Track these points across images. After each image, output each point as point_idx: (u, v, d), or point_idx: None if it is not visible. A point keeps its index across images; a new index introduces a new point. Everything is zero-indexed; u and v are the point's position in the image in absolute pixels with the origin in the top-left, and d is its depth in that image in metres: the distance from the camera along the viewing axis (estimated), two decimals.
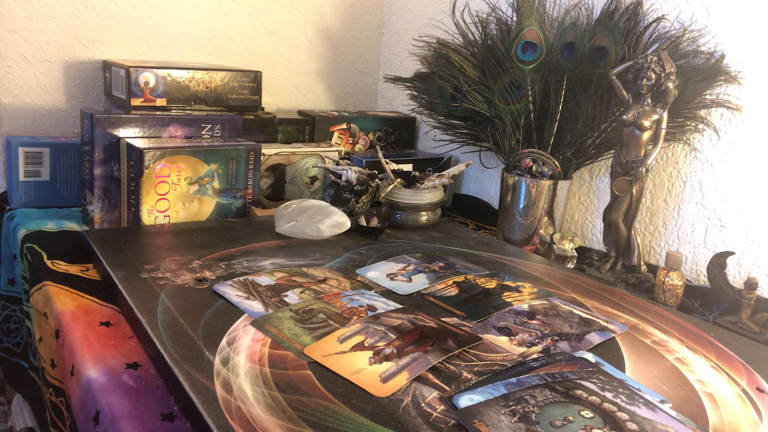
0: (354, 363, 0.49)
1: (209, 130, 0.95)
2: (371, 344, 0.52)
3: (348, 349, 0.51)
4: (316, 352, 0.51)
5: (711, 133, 0.86)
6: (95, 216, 0.88)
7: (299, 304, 0.60)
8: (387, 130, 1.26)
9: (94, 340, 0.53)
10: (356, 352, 0.51)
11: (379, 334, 0.54)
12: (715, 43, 0.85)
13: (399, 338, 0.53)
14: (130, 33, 1.11)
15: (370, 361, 0.50)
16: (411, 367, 0.49)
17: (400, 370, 0.48)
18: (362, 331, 0.54)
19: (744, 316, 0.72)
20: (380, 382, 0.47)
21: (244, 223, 0.85)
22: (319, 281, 0.66)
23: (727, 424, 0.47)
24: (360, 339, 0.53)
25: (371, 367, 0.49)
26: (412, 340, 0.53)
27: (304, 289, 0.63)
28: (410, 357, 0.50)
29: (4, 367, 0.89)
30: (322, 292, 0.63)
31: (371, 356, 0.50)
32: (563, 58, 0.93)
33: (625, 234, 0.85)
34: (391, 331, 0.55)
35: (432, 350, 0.52)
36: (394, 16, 1.37)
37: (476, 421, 0.43)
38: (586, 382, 0.49)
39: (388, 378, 0.47)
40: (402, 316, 0.58)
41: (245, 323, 0.55)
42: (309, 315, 0.57)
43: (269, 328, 0.55)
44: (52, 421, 0.61)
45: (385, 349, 0.51)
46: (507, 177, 0.96)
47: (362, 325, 0.56)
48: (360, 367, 0.49)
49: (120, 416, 0.43)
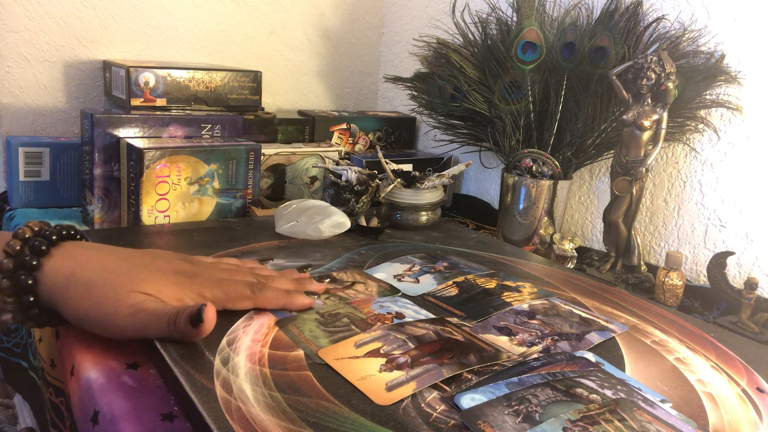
0: (363, 369, 0.48)
1: (209, 130, 0.95)
2: (386, 352, 0.51)
3: (362, 355, 0.51)
4: (329, 355, 0.50)
5: (711, 134, 0.86)
6: (95, 216, 0.88)
7: (327, 307, 0.59)
8: (387, 130, 1.26)
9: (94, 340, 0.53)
10: (369, 358, 0.50)
11: (398, 343, 0.53)
12: (715, 43, 0.85)
13: (417, 348, 0.52)
14: (130, 33, 1.11)
15: (381, 369, 0.49)
16: (421, 378, 0.48)
17: (408, 380, 0.47)
18: (381, 338, 0.53)
19: (744, 316, 0.72)
20: (385, 390, 0.46)
21: (244, 223, 0.85)
22: (346, 287, 0.65)
23: (727, 424, 0.47)
24: (377, 345, 0.52)
25: (380, 375, 0.48)
26: (430, 351, 0.52)
27: (330, 296, 0.62)
28: (423, 368, 0.49)
29: (4, 367, 0.89)
30: (347, 298, 0.62)
31: (383, 363, 0.49)
32: (563, 58, 0.93)
33: (625, 234, 0.85)
34: (412, 341, 0.53)
35: (449, 363, 0.50)
36: (394, 16, 1.37)
37: (480, 422, 0.43)
38: (586, 379, 0.49)
39: (393, 387, 0.46)
40: (428, 326, 0.57)
41: (245, 323, 0.55)
42: (333, 318, 0.57)
43: (291, 328, 0.54)
44: (52, 421, 0.61)
45: (399, 357, 0.50)
46: (507, 177, 0.96)
47: (383, 332, 0.55)
48: (368, 373, 0.48)
49: (119, 416, 0.43)
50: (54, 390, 0.60)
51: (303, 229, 0.80)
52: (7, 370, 0.89)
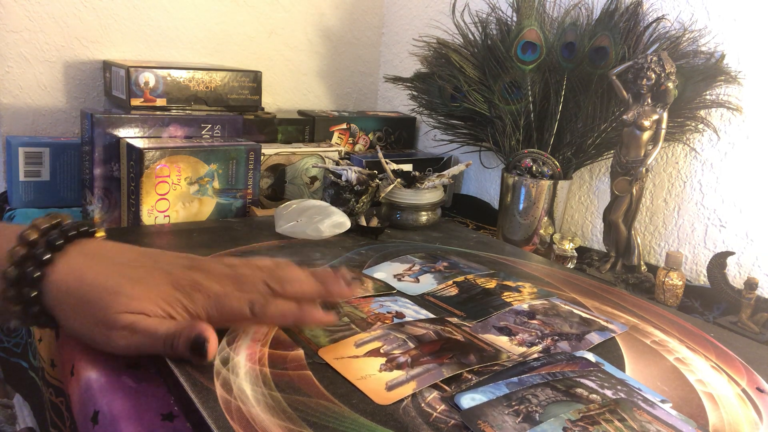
0: (364, 368, 0.49)
1: (209, 130, 0.95)
2: (386, 351, 0.51)
3: (362, 354, 0.51)
4: (329, 354, 0.50)
5: (711, 134, 0.86)
6: (95, 216, 0.88)
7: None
8: (387, 130, 1.26)
9: None
10: (369, 357, 0.50)
11: (398, 342, 0.53)
12: (715, 43, 0.85)
13: (417, 348, 0.52)
14: (130, 33, 1.11)
15: (381, 368, 0.49)
16: (421, 377, 0.48)
17: (408, 379, 0.47)
18: (381, 338, 0.53)
19: (744, 316, 0.72)
20: (385, 389, 0.46)
21: (244, 223, 0.85)
22: None
23: (727, 424, 0.47)
24: (377, 345, 0.52)
25: (380, 374, 0.48)
26: (430, 351, 0.52)
27: None
28: (423, 368, 0.49)
29: (4, 367, 0.89)
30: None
31: (383, 363, 0.49)
32: (563, 58, 0.93)
33: (625, 234, 0.85)
34: (412, 341, 0.53)
35: (449, 363, 0.50)
36: (394, 16, 1.37)
37: (480, 422, 0.43)
38: (586, 379, 0.49)
39: (393, 386, 0.46)
40: (428, 326, 0.57)
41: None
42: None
43: (291, 328, 0.54)
44: (52, 421, 0.61)
45: (399, 357, 0.50)
46: (507, 177, 0.96)
47: (383, 332, 0.55)
48: (368, 372, 0.48)
49: (119, 416, 0.43)
50: (54, 390, 0.60)
51: (303, 229, 0.80)
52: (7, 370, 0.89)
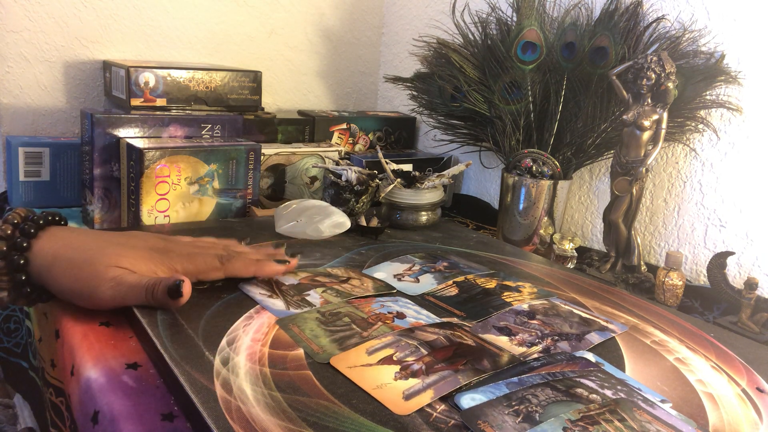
0: (379, 377, 0.48)
1: (209, 130, 0.95)
2: (400, 359, 0.50)
3: (375, 362, 0.50)
4: (342, 363, 0.49)
5: (711, 134, 0.86)
6: (95, 216, 0.88)
7: (328, 306, 0.59)
8: (387, 130, 1.26)
9: (94, 340, 0.53)
10: (383, 365, 0.49)
11: (410, 349, 0.52)
12: (715, 43, 0.85)
13: (430, 354, 0.51)
14: (130, 33, 1.11)
15: (396, 377, 0.48)
16: (437, 386, 0.47)
17: (425, 388, 0.47)
18: (393, 344, 0.53)
19: (744, 316, 0.72)
20: (402, 399, 0.45)
21: (244, 223, 0.85)
22: (341, 281, 0.66)
23: (727, 424, 0.47)
24: (389, 352, 0.51)
25: (395, 383, 0.47)
26: (444, 357, 0.51)
27: (326, 289, 0.63)
28: (438, 375, 0.48)
29: (4, 367, 0.89)
30: (344, 292, 0.63)
31: (398, 371, 0.49)
32: (563, 58, 0.93)
33: (625, 234, 0.85)
34: (424, 347, 0.53)
35: (464, 369, 0.50)
36: (394, 16, 1.37)
37: (480, 422, 0.43)
38: (586, 379, 0.49)
39: (411, 396, 0.46)
40: (438, 331, 0.56)
41: (245, 323, 0.55)
42: (334, 318, 0.57)
43: (292, 327, 0.54)
44: (52, 421, 0.61)
45: (413, 364, 0.50)
46: (507, 177, 0.96)
47: (394, 338, 0.54)
48: (384, 381, 0.47)
49: (119, 416, 0.43)
50: (54, 390, 0.60)
51: (303, 229, 0.80)
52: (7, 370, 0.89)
